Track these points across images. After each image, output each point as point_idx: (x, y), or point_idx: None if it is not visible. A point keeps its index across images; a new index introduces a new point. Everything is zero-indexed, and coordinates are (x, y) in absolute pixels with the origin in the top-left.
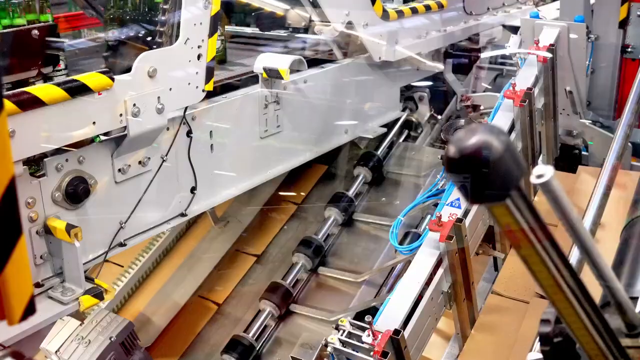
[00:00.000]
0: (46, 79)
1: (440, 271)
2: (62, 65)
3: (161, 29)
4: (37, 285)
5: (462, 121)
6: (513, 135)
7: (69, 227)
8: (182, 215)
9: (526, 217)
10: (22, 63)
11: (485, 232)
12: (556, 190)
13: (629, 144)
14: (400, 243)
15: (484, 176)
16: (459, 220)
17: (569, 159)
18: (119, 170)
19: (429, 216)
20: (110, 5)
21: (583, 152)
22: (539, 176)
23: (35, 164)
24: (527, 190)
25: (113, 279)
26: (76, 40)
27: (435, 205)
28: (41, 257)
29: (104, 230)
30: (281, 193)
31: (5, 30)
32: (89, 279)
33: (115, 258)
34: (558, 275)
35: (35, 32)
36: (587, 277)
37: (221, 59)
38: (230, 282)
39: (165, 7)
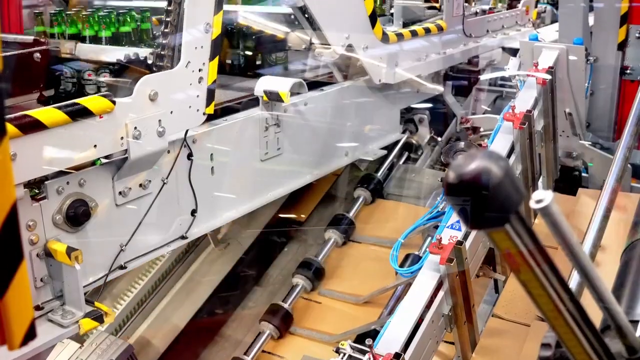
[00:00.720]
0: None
1: (440, 294)
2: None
3: (162, 52)
4: (37, 308)
5: (462, 144)
6: (513, 157)
7: (70, 250)
8: (183, 237)
9: (525, 243)
10: (24, 86)
11: (485, 254)
12: (555, 215)
13: (629, 165)
14: (401, 265)
15: (483, 202)
16: (459, 242)
17: (569, 180)
18: (120, 193)
19: (429, 238)
20: None
21: (583, 174)
22: (539, 201)
23: (36, 187)
24: (528, 214)
25: (113, 301)
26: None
27: (436, 227)
28: (41, 280)
29: (104, 252)
30: (281, 215)
31: (6, 54)
32: (89, 301)
33: (116, 280)
34: (558, 299)
35: (37, 55)
36: (587, 300)
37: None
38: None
39: (166, 30)
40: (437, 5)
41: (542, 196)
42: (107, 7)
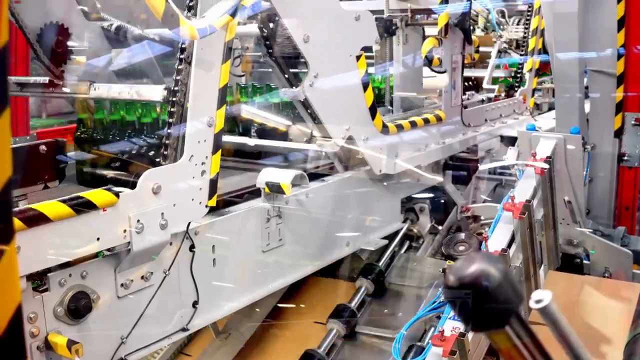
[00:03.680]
0: None
1: None
2: None
3: (166, 145)
4: None
5: (462, 235)
6: (514, 247)
7: (70, 343)
8: (184, 330)
9: (526, 344)
10: (29, 177)
11: (489, 345)
12: (555, 315)
13: (630, 251)
14: (404, 357)
15: (482, 305)
16: (462, 334)
17: (570, 268)
18: (122, 285)
19: (432, 329)
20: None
21: (585, 261)
22: (538, 301)
23: (38, 279)
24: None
25: None
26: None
27: (438, 317)
28: None
29: (104, 345)
30: (282, 305)
31: (14, 145)
32: None
33: None
34: None
35: (43, 147)
36: None
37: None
38: None
39: (170, 122)
40: (434, 97)
41: (542, 296)
42: None
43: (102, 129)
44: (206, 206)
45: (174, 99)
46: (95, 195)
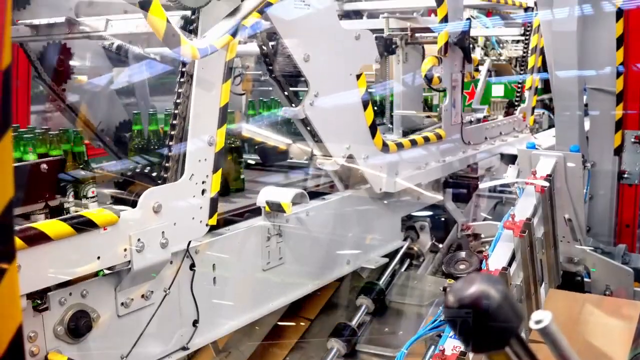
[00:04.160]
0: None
1: None
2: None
3: (166, 165)
4: None
5: (462, 253)
6: (514, 265)
7: None
8: (184, 348)
9: None
10: (30, 196)
11: None
12: (555, 335)
13: (631, 269)
14: None
15: (482, 325)
16: (463, 353)
17: (571, 286)
18: (122, 303)
19: (432, 347)
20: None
21: (585, 279)
22: (538, 321)
23: (38, 298)
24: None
25: None
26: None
27: (439, 336)
28: None
29: None
30: (283, 323)
31: (14, 164)
32: None
33: None
34: None
35: (44, 165)
36: None
37: (239, 187)
38: None
39: (170, 142)
40: (432, 115)
41: (541, 316)
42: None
43: (156, 139)
44: (207, 225)
45: (174, 121)
46: (96, 214)
